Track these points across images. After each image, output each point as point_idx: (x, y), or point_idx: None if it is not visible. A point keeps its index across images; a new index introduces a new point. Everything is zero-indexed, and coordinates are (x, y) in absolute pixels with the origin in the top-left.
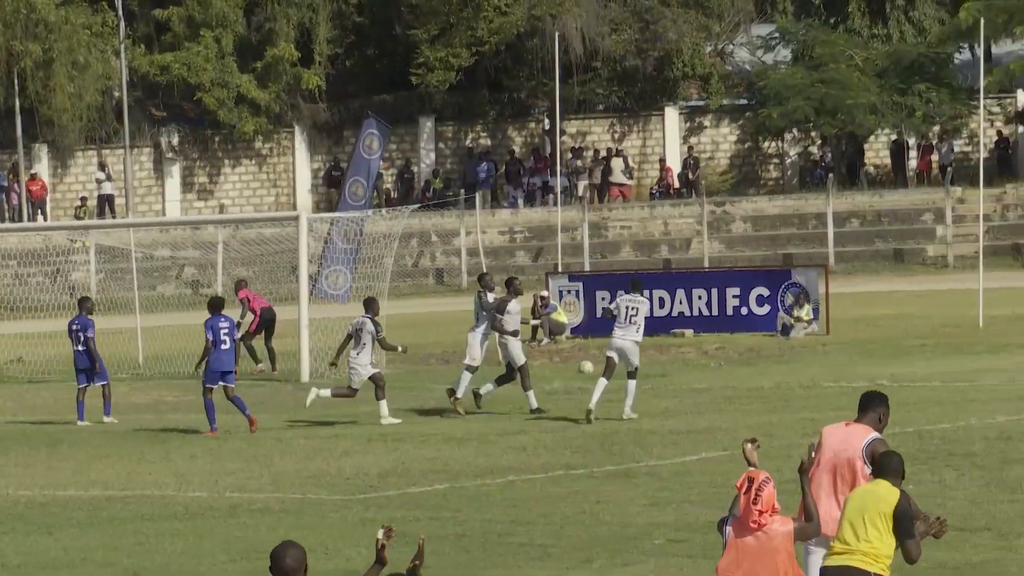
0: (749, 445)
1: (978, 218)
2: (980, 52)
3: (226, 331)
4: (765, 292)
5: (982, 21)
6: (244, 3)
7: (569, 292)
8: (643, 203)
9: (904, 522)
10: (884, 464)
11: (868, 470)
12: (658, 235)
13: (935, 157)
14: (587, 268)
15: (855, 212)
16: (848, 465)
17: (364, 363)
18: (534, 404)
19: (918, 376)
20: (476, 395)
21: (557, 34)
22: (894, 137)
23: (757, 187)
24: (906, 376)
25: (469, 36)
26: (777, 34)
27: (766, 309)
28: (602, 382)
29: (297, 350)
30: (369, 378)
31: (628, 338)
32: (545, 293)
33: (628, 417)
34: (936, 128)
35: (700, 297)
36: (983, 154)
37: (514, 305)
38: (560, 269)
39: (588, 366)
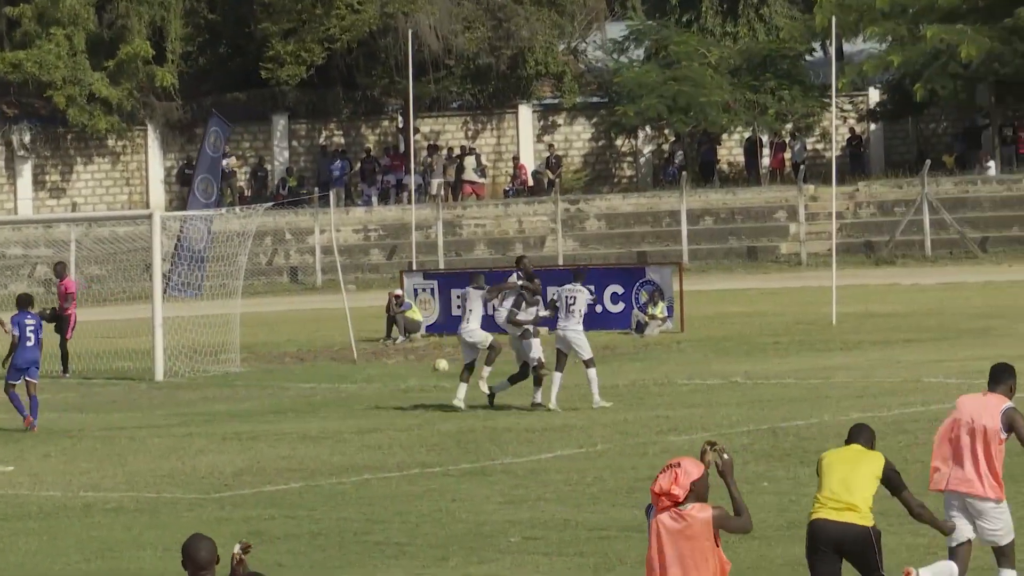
0: (708, 448)
1: (831, 216)
2: (833, 51)
3: (32, 328)
4: (619, 290)
5: (834, 20)
6: (96, 0)
7: (424, 290)
8: (497, 201)
9: (896, 478)
10: (859, 434)
11: (1003, 435)
12: (512, 233)
13: (788, 155)
14: (442, 266)
15: (709, 210)
16: (985, 430)
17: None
18: (538, 398)
19: (772, 373)
20: (490, 396)
21: (410, 32)
22: (747, 135)
23: (611, 185)
24: (760, 373)
25: (322, 33)
26: (630, 33)
27: (621, 307)
28: (556, 376)
29: (151, 348)
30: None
31: (568, 328)
32: (400, 291)
33: (599, 406)
34: (789, 126)
35: (555, 294)
36: (836, 152)
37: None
38: (415, 267)
39: (443, 364)
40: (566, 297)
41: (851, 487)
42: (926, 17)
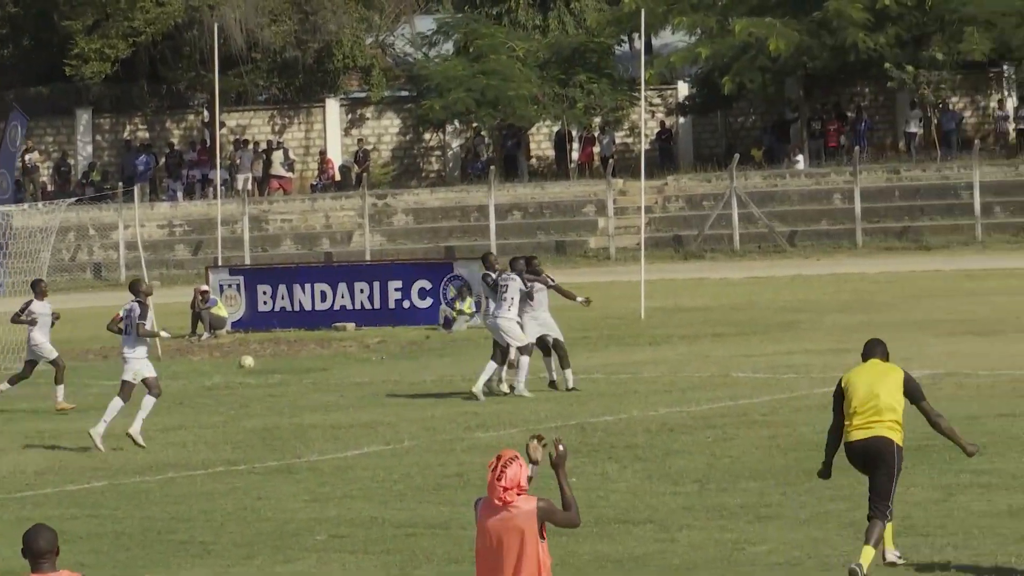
0: (534, 442)
1: (640, 210)
2: (641, 43)
3: None
4: (427, 285)
5: (643, 11)
6: None
7: (230, 286)
8: (304, 196)
9: (915, 387)
10: (874, 348)
11: None
12: (319, 228)
13: (597, 149)
14: (248, 262)
15: (517, 204)
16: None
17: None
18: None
19: (580, 368)
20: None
21: (216, 25)
22: (556, 128)
23: (419, 179)
24: None
25: (126, 27)
26: (439, 26)
27: (428, 302)
28: (490, 366)
29: None
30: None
31: (500, 316)
32: (205, 287)
33: (519, 393)
34: (598, 120)
35: (362, 290)
36: (644, 146)
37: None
38: (220, 263)
39: (249, 360)
40: (500, 286)
41: (876, 402)
42: (735, 10)
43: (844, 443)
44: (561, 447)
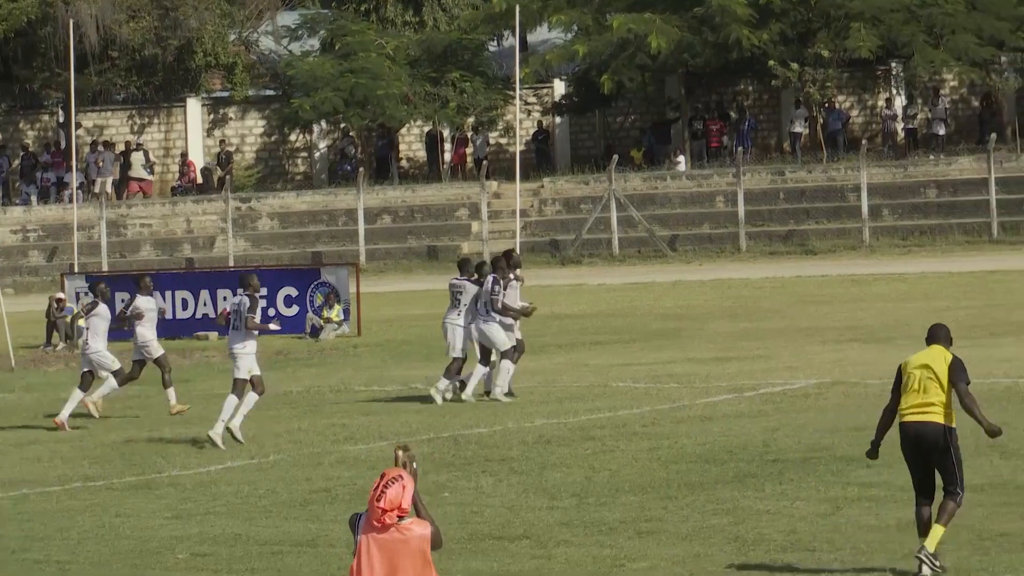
0: (401, 453)
1: (515, 213)
2: (516, 40)
3: None
4: (294, 292)
5: (517, 8)
6: None
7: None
8: (165, 199)
9: (957, 370)
10: (936, 334)
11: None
12: (181, 233)
13: (470, 150)
14: (105, 268)
15: (387, 208)
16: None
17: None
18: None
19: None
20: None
21: (71, 21)
22: (427, 129)
23: (285, 182)
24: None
25: None
26: (304, 22)
27: (295, 310)
28: (476, 370)
29: None
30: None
31: (450, 322)
32: (61, 295)
33: (495, 398)
34: (471, 120)
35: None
36: (519, 147)
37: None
38: (77, 269)
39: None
40: (453, 291)
41: (927, 385)
42: (612, 6)
43: (899, 424)
44: (415, 464)
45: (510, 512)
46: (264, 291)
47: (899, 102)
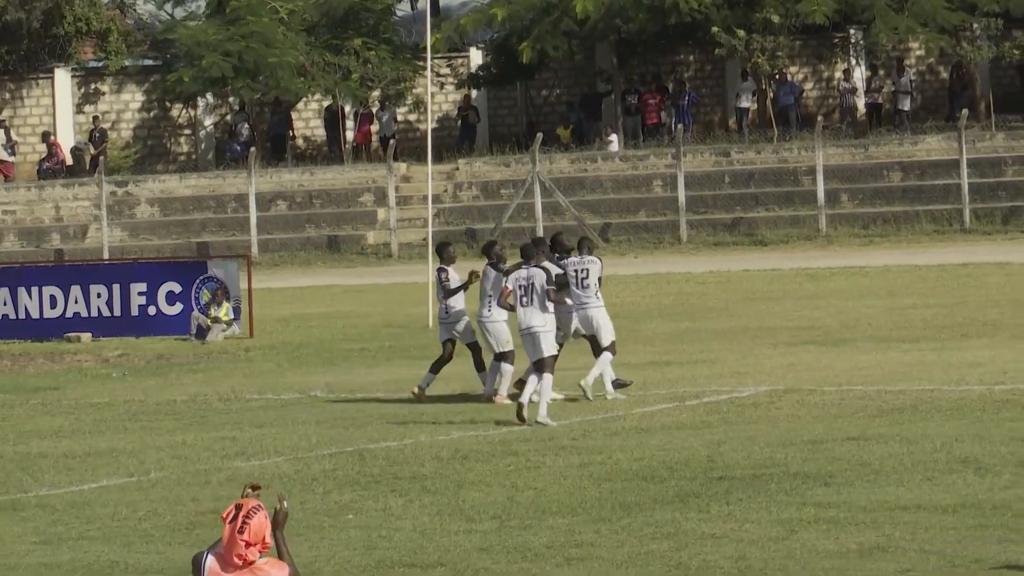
0: (251, 492)
1: (426, 199)
2: (427, 3)
3: None
4: (177, 288)
5: None
6: None
7: None
8: (30, 183)
9: None
10: None
11: None
12: (48, 221)
13: (376, 127)
14: None
15: (282, 193)
16: None
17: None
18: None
19: (358, 385)
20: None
21: None
22: (327, 103)
23: (166, 164)
24: (344, 386)
25: None
26: None
27: (178, 308)
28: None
29: None
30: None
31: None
32: None
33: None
34: (376, 93)
35: (99, 295)
36: (431, 124)
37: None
38: None
39: None
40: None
41: None
42: None
43: None
44: (286, 503)
45: (422, 536)
46: (143, 287)
47: (859, 74)
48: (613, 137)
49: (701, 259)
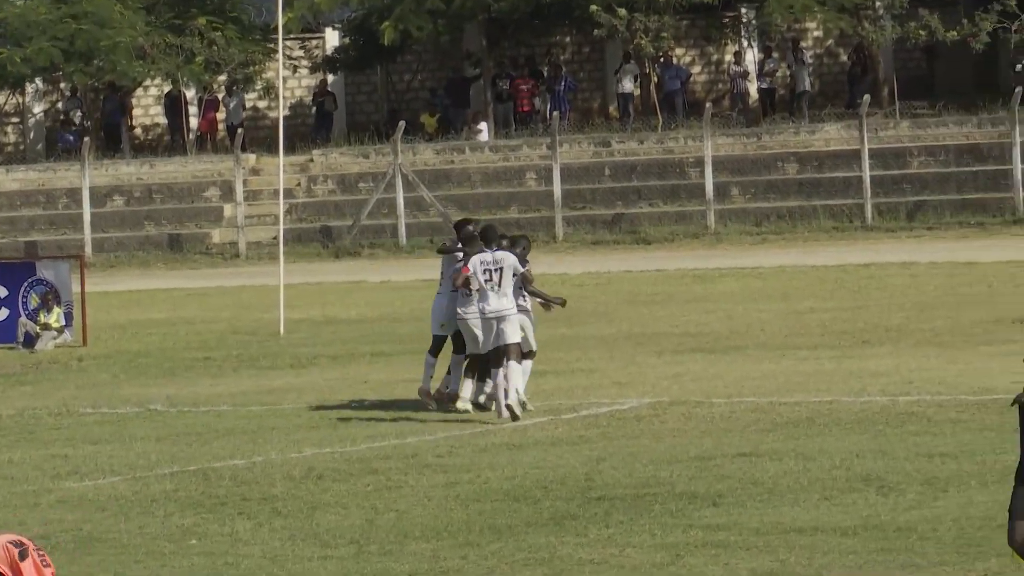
0: (12, 550)
1: (277, 194)
2: None
3: None
4: (2, 292)
5: None
6: None
7: None
8: None
9: None
10: None
11: None
12: None
13: (221, 115)
14: None
15: (118, 187)
16: None
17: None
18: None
19: (202, 399)
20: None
21: None
22: (168, 89)
23: None
24: (187, 399)
25: None
26: None
27: (4, 314)
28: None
29: None
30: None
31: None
32: None
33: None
34: (222, 77)
35: None
36: (283, 111)
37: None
38: None
39: None
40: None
41: None
42: None
43: None
44: (49, 571)
45: (273, 563)
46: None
47: (751, 57)
48: (483, 126)
49: (579, 259)
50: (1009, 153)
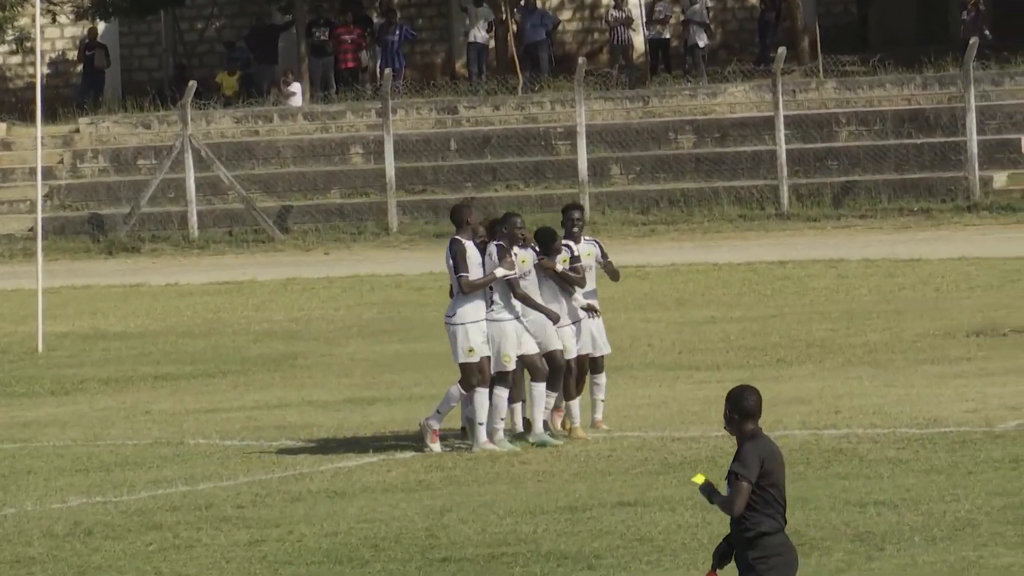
0: None
1: (34, 173)
2: None
3: None
4: None
5: None
6: None
7: None
8: None
9: None
10: None
11: None
12: None
13: None
14: None
15: None
16: None
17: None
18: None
19: None
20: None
21: None
22: None
23: None
24: None
25: None
26: None
27: None
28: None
29: None
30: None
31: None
32: None
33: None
34: None
35: None
36: (42, 69)
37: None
38: None
39: None
40: None
41: None
42: None
43: None
44: None
45: None
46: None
47: (636, 0)
48: (295, 87)
49: (417, 256)
50: (962, 121)
